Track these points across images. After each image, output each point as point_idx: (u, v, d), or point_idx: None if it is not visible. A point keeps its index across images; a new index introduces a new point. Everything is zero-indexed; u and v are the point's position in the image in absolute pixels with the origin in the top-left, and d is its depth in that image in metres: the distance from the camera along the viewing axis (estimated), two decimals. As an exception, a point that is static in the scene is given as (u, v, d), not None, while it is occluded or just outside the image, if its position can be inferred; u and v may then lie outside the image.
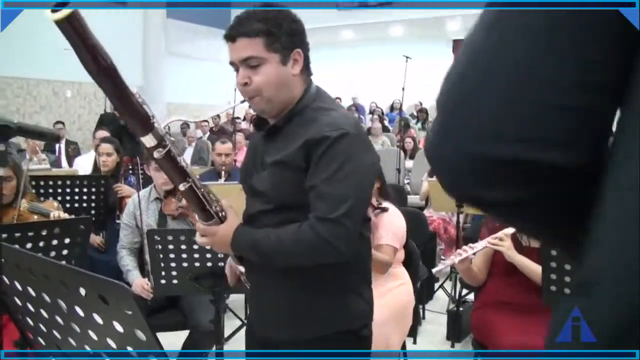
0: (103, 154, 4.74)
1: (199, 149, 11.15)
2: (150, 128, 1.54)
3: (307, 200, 1.79)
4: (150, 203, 3.71)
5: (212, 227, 1.85)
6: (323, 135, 1.75)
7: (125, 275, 3.59)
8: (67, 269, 1.03)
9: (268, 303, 1.97)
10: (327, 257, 1.80)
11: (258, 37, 1.77)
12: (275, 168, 1.83)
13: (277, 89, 1.83)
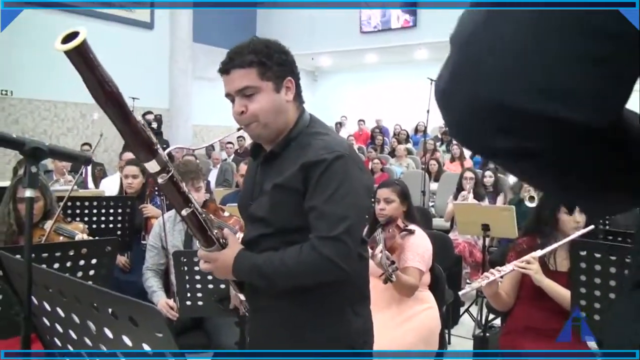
0: (129, 176, 4.77)
1: (224, 170, 11.19)
2: (154, 154, 1.57)
3: (305, 223, 1.83)
4: (176, 224, 3.73)
5: (214, 253, 1.89)
6: (319, 158, 1.82)
7: (150, 296, 3.60)
8: (97, 291, 1.03)
9: (268, 325, 1.99)
10: (330, 275, 1.84)
11: (251, 67, 1.85)
12: (274, 192, 1.87)
13: (273, 114, 1.89)
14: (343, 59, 17.48)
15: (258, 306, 2.01)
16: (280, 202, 1.87)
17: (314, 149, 1.85)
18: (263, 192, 1.93)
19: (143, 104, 12.03)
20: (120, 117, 1.47)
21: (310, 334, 1.92)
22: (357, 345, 1.96)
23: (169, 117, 13.77)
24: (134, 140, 1.52)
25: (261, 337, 2.04)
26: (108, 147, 13.53)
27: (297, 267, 1.80)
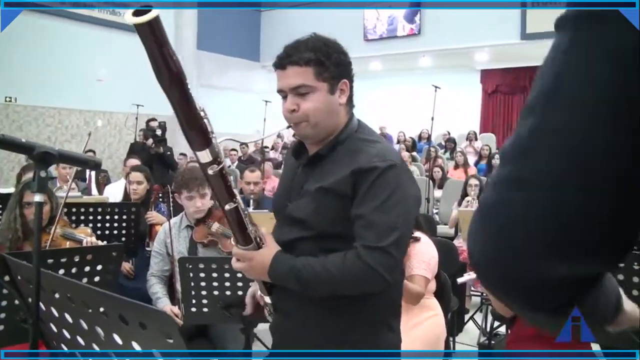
0: (133, 182, 4.77)
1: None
2: (209, 143, 1.54)
3: (347, 230, 1.79)
4: (181, 231, 3.72)
5: (249, 252, 1.83)
6: (372, 165, 1.77)
7: (155, 303, 3.59)
8: (107, 296, 1.02)
9: (295, 332, 1.93)
10: (373, 286, 1.79)
11: (308, 66, 1.81)
12: (319, 195, 1.83)
13: (324, 116, 1.86)
14: (347, 66, 17.46)
15: (287, 311, 1.95)
16: (324, 205, 1.82)
17: (366, 156, 1.81)
18: (304, 193, 1.88)
19: (147, 111, 12.02)
20: (182, 100, 1.44)
21: (340, 347, 1.87)
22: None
23: (173, 124, 13.73)
24: (191, 126, 1.50)
25: (286, 344, 1.98)
26: (112, 154, 13.55)
27: (340, 274, 1.75)
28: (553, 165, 0.64)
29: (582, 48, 0.63)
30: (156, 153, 9.48)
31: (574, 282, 0.66)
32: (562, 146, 0.64)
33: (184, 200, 3.68)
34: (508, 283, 0.69)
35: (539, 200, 0.65)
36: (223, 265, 2.82)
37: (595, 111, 0.62)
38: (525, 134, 0.67)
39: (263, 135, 12.12)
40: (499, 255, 0.68)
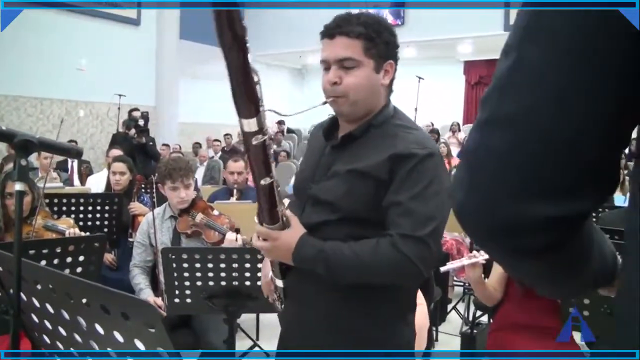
0: (116, 172, 4.74)
1: (211, 168, 11.16)
2: (257, 112, 1.46)
3: (377, 216, 1.74)
4: (164, 221, 3.71)
5: (275, 232, 1.73)
6: (411, 152, 1.73)
7: (138, 294, 3.57)
8: (89, 286, 1.01)
9: (308, 321, 1.87)
10: (407, 277, 1.76)
11: (358, 39, 1.76)
12: (351, 177, 1.77)
13: (364, 94, 1.80)
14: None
15: (300, 298, 1.87)
16: (356, 188, 1.76)
17: (404, 141, 1.76)
18: (333, 174, 1.82)
19: (129, 101, 11.96)
20: (241, 63, 1.35)
21: (356, 340, 1.81)
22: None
23: (155, 115, 13.67)
24: (245, 91, 1.41)
25: (297, 333, 1.92)
26: (94, 145, 13.46)
27: (372, 262, 1.69)
28: (528, 101, 0.64)
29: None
30: (138, 143, 9.42)
31: (558, 222, 0.66)
32: (539, 81, 0.64)
33: (168, 191, 3.66)
34: (492, 227, 0.69)
35: (516, 139, 0.65)
36: (206, 256, 2.81)
37: (571, 47, 0.62)
38: (503, 72, 0.67)
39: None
40: (481, 199, 0.68)
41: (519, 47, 0.66)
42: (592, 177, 0.66)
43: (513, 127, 0.65)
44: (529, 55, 0.65)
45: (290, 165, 10.96)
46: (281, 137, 14.75)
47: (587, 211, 0.70)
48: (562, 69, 0.62)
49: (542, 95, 0.64)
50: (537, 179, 0.65)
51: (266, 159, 1.56)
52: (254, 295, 2.85)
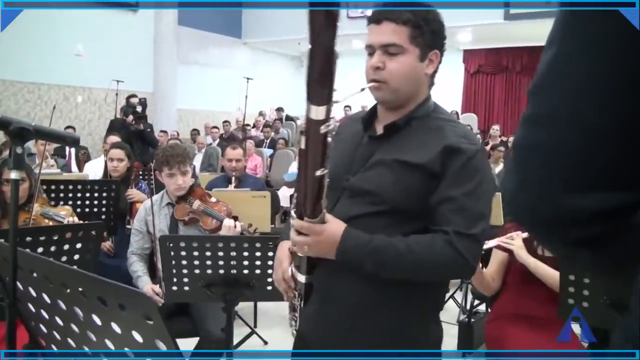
0: (114, 159, 4.72)
1: (209, 155, 11.12)
2: (329, 101, 1.43)
3: (420, 209, 1.72)
4: (162, 208, 3.70)
5: (318, 226, 1.65)
6: (462, 146, 1.71)
7: (135, 281, 3.57)
8: (85, 276, 0.99)
9: (340, 320, 1.80)
10: (459, 275, 1.79)
11: (405, 25, 1.73)
12: (400, 168, 1.73)
13: (406, 82, 1.77)
14: (330, 44, 17.31)
15: (330, 295, 1.80)
16: (404, 179, 1.71)
17: (453, 135, 1.73)
18: (375, 164, 1.77)
19: (127, 87, 11.90)
20: (329, 47, 1.31)
21: (385, 339, 1.77)
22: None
23: (153, 101, 13.63)
24: (325, 78, 1.37)
25: (321, 331, 1.85)
26: (92, 131, 13.41)
27: (427, 259, 1.66)
28: (570, 94, 0.65)
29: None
30: (136, 130, 9.39)
31: (609, 213, 0.67)
32: (580, 74, 0.64)
33: (165, 178, 3.64)
34: (544, 220, 0.71)
35: (559, 133, 0.66)
36: (204, 244, 2.80)
37: (610, 40, 0.62)
38: (544, 67, 0.68)
39: (244, 112, 12.05)
40: (532, 193, 0.70)
41: (560, 41, 0.67)
42: (633, 169, 0.66)
43: (556, 122, 0.66)
44: (568, 49, 0.65)
45: (289, 153, 10.91)
46: (279, 124, 14.70)
47: (638, 202, 0.70)
48: (603, 62, 0.62)
49: (584, 88, 0.64)
50: (585, 171, 0.66)
51: (325, 150, 1.50)
52: (252, 283, 2.84)
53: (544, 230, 0.73)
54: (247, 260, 2.82)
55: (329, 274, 1.77)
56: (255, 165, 9.91)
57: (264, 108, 16.40)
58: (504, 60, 16.27)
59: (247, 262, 2.83)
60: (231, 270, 2.82)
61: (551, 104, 0.66)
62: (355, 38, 16.42)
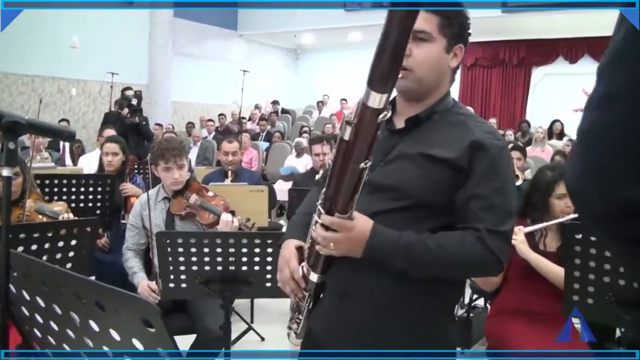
0: (109, 153, 4.67)
1: (204, 148, 11.06)
2: (391, 90, 1.38)
3: (446, 205, 1.69)
4: (157, 203, 3.64)
5: (348, 221, 1.59)
6: (489, 142, 1.68)
7: (131, 277, 3.52)
8: (83, 281, 0.94)
9: (356, 319, 1.74)
10: (488, 272, 1.72)
11: (435, 14, 1.71)
12: (426, 162, 1.68)
13: (432, 72, 1.74)
14: (326, 37, 17.30)
15: (346, 294, 1.74)
16: (431, 174, 1.67)
17: (479, 131, 1.71)
18: (397, 157, 1.73)
19: (122, 80, 11.81)
20: (404, 35, 1.29)
21: (404, 339, 1.72)
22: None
23: (148, 94, 13.54)
24: (393, 65, 1.33)
25: (337, 331, 1.78)
26: (87, 124, 13.33)
27: (459, 256, 1.63)
28: (635, 76, 0.61)
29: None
30: (131, 123, 9.31)
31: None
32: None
33: (161, 172, 3.58)
34: (608, 210, 0.67)
35: (629, 113, 0.62)
36: (202, 240, 2.75)
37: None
38: (617, 44, 0.64)
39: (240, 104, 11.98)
40: (596, 181, 0.66)
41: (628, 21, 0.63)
42: None
43: (625, 101, 0.62)
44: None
45: (285, 147, 10.86)
46: (275, 117, 14.64)
47: None
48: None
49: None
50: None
51: (373, 141, 1.46)
52: (251, 280, 2.81)
53: (605, 221, 0.69)
54: (245, 257, 2.79)
55: (347, 272, 1.71)
56: (251, 159, 9.85)
57: (260, 101, 16.34)
58: (501, 53, 16.21)
59: (246, 258, 2.79)
60: (229, 266, 2.78)
61: (622, 81, 0.62)
62: (352, 30, 16.40)
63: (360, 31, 15.96)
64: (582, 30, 14.20)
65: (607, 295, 2.49)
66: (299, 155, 9.60)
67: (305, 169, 8.80)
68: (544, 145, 9.85)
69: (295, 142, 10.02)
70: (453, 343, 1.86)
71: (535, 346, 2.83)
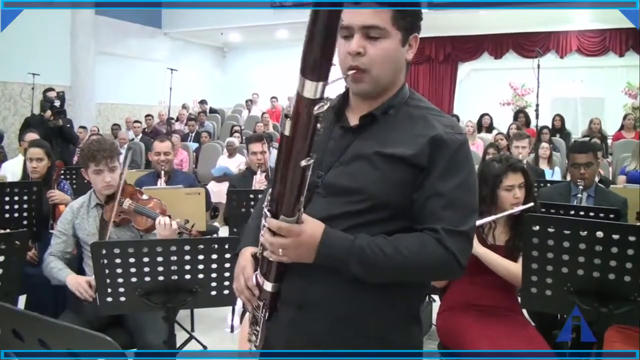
0: (33, 159, 4.41)
1: (132, 150, 10.69)
2: (327, 77, 1.28)
3: (403, 204, 1.59)
4: (90, 210, 3.41)
5: (297, 226, 1.49)
6: (450, 137, 1.59)
7: (57, 274, 3.25)
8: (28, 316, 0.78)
9: (317, 327, 1.64)
10: (450, 274, 1.67)
11: (388, 7, 1.57)
12: (384, 162, 1.58)
13: (389, 69, 1.62)
14: (253, 34, 17.12)
15: (304, 302, 1.63)
16: (391, 174, 1.58)
17: (439, 124, 1.62)
18: (354, 158, 1.62)
19: (43, 81, 11.34)
20: (333, 27, 1.23)
21: (367, 343, 1.64)
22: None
23: (71, 95, 13.07)
24: (327, 44, 1.25)
25: (298, 342, 1.66)
26: (7, 128, 12.70)
27: (415, 259, 1.54)
28: None
29: None
30: (55, 126, 8.91)
31: None
32: None
33: (92, 175, 3.36)
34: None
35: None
36: (141, 249, 2.57)
37: None
38: None
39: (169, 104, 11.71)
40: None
41: None
42: None
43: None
44: None
45: (215, 146, 10.68)
46: (204, 117, 14.38)
47: None
48: None
49: None
50: None
51: (313, 135, 1.36)
52: (195, 289, 2.66)
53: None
54: (188, 264, 2.64)
55: (303, 279, 1.62)
56: (182, 160, 9.60)
57: (187, 101, 16.06)
58: (428, 50, 16.40)
59: (189, 266, 2.65)
60: (172, 276, 2.63)
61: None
62: (280, 28, 16.27)
63: (288, 28, 15.85)
64: (507, 27, 14.55)
65: (566, 286, 2.47)
66: (231, 155, 9.45)
67: (237, 169, 8.66)
68: (474, 139, 9.99)
69: (227, 142, 9.88)
70: (420, 344, 1.79)
71: (491, 342, 2.79)
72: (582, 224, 2.50)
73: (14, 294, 2.35)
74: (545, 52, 14.33)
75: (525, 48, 14.96)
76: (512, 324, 2.96)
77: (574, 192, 4.18)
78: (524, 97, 14.82)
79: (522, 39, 15.16)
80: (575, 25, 14.42)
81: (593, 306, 2.44)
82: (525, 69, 12.28)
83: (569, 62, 15.04)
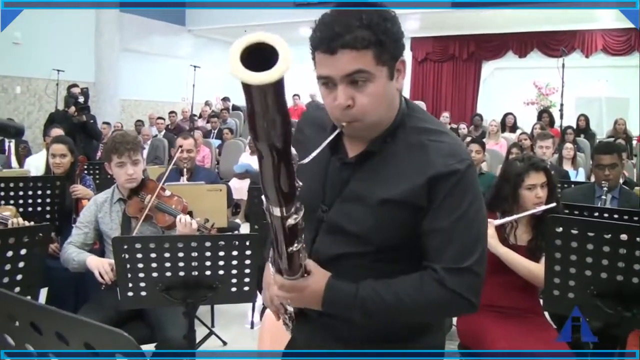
0: (56, 155, 4.44)
1: (155, 147, 10.78)
2: (288, 201, 1.28)
3: (411, 243, 1.54)
4: (113, 205, 3.43)
5: (300, 281, 1.50)
6: (451, 169, 1.48)
7: (77, 258, 3.22)
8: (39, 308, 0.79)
9: (343, 328, 1.63)
10: (457, 312, 1.66)
11: (367, 49, 1.42)
12: (384, 207, 1.52)
13: (383, 111, 1.52)
14: (276, 32, 17.03)
15: (320, 314, 1.62)
16: (390, 218, 1.52)
17: (439, 156, 1.50)
18: (354, 198, 1.56)
19: (68, 77, 11.44)
20: (282, 163, 1.19)
21: (393, 346, 1.63)
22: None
23: (95, 91, 13.18)
24: (280, 202, 1.26)
25: (325, 341, 1.68)
26: (32, 124, 12.85)
27: (417, 304, 1.51)
28: None
29: None
30: (79, 122, 8.99)
31: None
32: None
33: (114, 168, 3.38)
34: None
35: None
36: (163, 245, 2.58)
37: None
38: None
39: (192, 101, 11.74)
40: None
41: None
42: None
43: None
44: None
45: (237, 143, 10.68)
46: (227, 114, 14.42)
47: None
48: None
49: None
50: None
51: (294, 235, 1.37)
52: (215, 285, 2.67)
53: None
54: (209, 261, 2.64)
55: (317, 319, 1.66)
56: (204, 157, 9.64)
57: (210, 98, 16.09)
58: (452, 48, 16.31)
59: (210, 262, 2.65)
60: (192, 271, 2.63)
61: None
62: (303, 25, 16.26)
63: (310, 26, 15.77)
64: (531, 25, 14.39)
65: (589, 289, 2.43)
66: (253, 153, 9.41)
67: (259, 166, 8.65)
68: (498, 138, 9.90)
69: (249, 139, 9.86)
70: (442, 345, 1.77)
71: (511, 343, 2.76)
72: (606, 226, 2.47)
73: (36, 286, 2.38)
74: (570, 51, 14.15)
75: (550, 47, 14.78)
76: (533, 325, 2.94)
77: (598, 194, 4.12)
78: (548, 96, 14.68)
79: (546, 37, 14.97)
80: (601, 23, 14.20)
81: (616, 310, 2.41)
82: (549, 68, 12.17)
83: (594, 62, 14.82)
